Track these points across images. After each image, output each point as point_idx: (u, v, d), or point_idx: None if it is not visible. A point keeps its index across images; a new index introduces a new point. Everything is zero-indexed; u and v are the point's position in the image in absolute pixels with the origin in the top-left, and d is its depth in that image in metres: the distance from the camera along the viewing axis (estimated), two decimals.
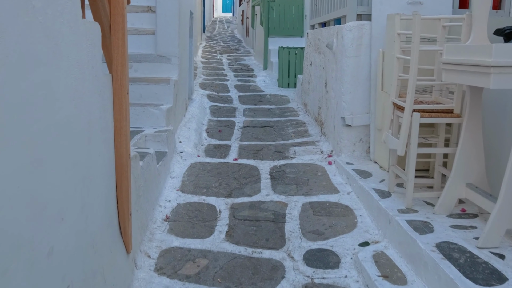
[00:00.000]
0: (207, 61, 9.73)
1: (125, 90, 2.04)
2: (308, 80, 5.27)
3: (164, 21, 4.05)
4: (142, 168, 2.65)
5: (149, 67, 4.13)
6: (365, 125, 3.74)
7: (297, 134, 4.66)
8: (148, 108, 3.80)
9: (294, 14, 8.26)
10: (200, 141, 4.34)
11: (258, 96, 6.46)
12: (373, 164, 3.54)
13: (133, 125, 3.78)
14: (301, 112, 5.47)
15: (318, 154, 4.03)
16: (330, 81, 4.17)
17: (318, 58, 4.74)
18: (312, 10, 5.39)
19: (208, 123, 5.01)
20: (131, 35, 4.20)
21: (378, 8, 3.55)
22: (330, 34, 4.15)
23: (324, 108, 4.42)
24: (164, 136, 3.57)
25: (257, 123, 5.11)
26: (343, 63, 3.72)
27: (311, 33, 5.18)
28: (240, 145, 4.33)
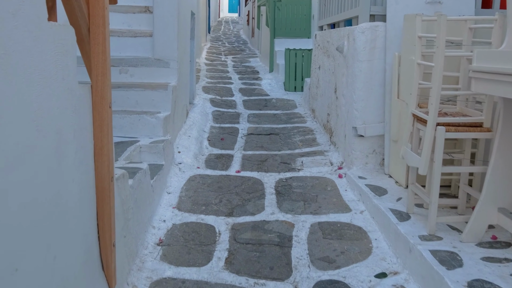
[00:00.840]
0: (211, 63, 9.46)
1: (107, 102, 1.77)
2: (316, 84, 4.98)
3: (162, 23, 3.78)
4: (132, 187, 2.38)
5: (146, 72, 3.86)
6: (379, 136, 3.44)
7: (304, 143, 4.37)
8: (144, 116, 3.53)
9: (301, 14, 7.96)
10: (200, 151, 4.07)
11: (264, 101, 6.17)
12: (388, 179, 3.24)
13: (128, 135, 3.52)
14: (309, 119, 5.18)
15: (327, 166, 3.73)
16: (340, 86, 3.88)
17: (327, 62, 4.45)
18: (321, 10, 5.10)
19: (210, 130, 4.73)
20: (127, 38, 3.94)
21: (394, 8, 3.25)
22: (341, 36, 3.86)
23: (334, 115, 4.13)
24: (160, 147, 3.30)
25: (262, 130, 4.83)
26: (355, 67, 3.42)
27: (319, 34, 4.89)
28: (244, 155, 4.05)
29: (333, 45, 4.17)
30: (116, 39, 3.93)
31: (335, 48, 4.07)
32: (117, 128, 3.53)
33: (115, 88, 3.68)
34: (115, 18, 4.13)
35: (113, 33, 3.94)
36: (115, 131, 3.54)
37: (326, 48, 4.48)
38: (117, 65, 3.84)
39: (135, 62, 3.85)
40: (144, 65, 3.86)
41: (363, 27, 3.33)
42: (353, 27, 3.48)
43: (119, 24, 4.12)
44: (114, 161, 2.92)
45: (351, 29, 3.53)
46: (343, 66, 3.77)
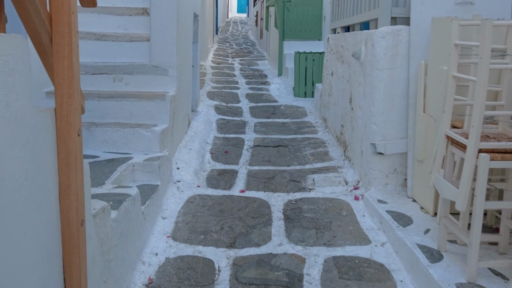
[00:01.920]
0: (217, 66, 9.12)
1: (75, 129, 1.42)
2: (329, 92, 4.60)
3: (159, 26, 3.43)
4: (117, 220, 2.04)
5: (142, 80, 3.52)
6: (401, 154, 3.06)
7: (316, 157, 4.00)
8: (139, 130, 3.19)
9: (311, 15, 7.57)
10: (202, 166, 3.72)
11: (272, 108, 5.81)
12: (411, 204, 2.86)
13: (121, 151, 3.19)
14: (320, 129, 4.80)
15: (342, 185, 3.36)
16: (356, 97, 3.50)
17: (341, 68, 4.07)
18: (333, 11, 4.72)
19: (213, 142, 4.38)
20: (122, 42, 3.61)
21: (419, 9, 2.87)
22: (357, 41, 3.48)
23: (348, 127, 3.75)
24: (155, 165, 2.95)
25: (270, 141, 4.47)
26: (374, 76, 3.04)
27: (332, 38, 4.51)
28: (249, 171, 3.69)
29: (348, 50, 3.79)
30: (110, 44, 3.60)
31: (350, 53, 3.69)
32: (109, 143, 3.20)
33: (108, 98, 3.35)
34: (109, 21, 3.80)
35: (107, 38, 3.61)
36: (107, 146, 3.21)
37: (340, 53, 4.10)
38: (110, 72, 3.50)
39: (130, 69, 3.51)
40: (140, 73, 3.52)
41: (384, 31, 2.96)
42: (371, 31, 3.10)
43: (114, 28, 3.79)
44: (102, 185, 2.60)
45: (369, 33, 3.15)
46: (359, 74, 3.40)
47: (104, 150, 3.19)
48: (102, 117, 3.35)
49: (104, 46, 3.60)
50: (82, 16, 3.78)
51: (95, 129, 3.18)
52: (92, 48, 3.59)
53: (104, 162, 2.89)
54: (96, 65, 3.51)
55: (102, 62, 3.56)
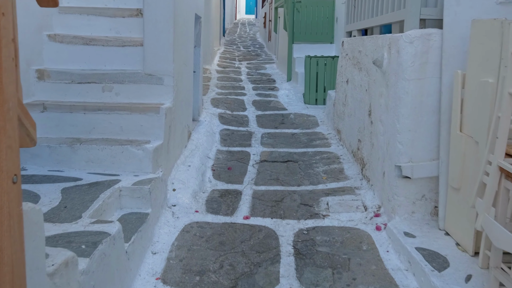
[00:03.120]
0: (223, 70, 8.73)
1: (8, 175, 1.03)
2: (343, 101, 4.18)
3: (153, 29, 3.04)
4: (88, 272, 1.64)
5: (134, 90, 3.13)
6: (431, 177, 2.63)
7: (329, 175, 3.58)
8: (129, 148, 2.80)
9: (323, 17, 7.15)
10: (201, 186, 3.31)
11: (280, 116, 5.40)
12: (444, 238, 2.43)
13: (108, 171, 2.80)
14: (333, 141, 4.38)
15: (361, 211, 2.94)
16: (377, 109, 3.08)
17: (358, 76, 3.65)
18: (349, 12, 4.30)
19: (215, 156, 3.98)
20: (113, 47, 3.23)
21: (454, 10, 2.44)
22: (378, 46, 3.06)
23: (367, 143, 3.32)
24: (146, 190, 2.56)
25: (278, 156, 4.05)
26: (399, 88, 2.62)
27: (347, 42, 4.09)
28: (255, 192, 3.28)
29: (366, 56, 3.37)
30: (99, 50, 3.22)
31: (369, 60, 3.27)
32: (95, 163, 2.81)
33: (95, 110, 2.96)
34: (100, 24, 3.42)
35: (96, 42, 3.23)
36: (92, 166, 2.82)
37: (357, 59, 3.68)
38: (99, 81, 3.12)
39: (121, 78, 3.13)
40: (132, 82, 3.13)
41: (411, 35, 2.53)
42: (396, 36, 2.68)
43: (105, 31, 3.41)
44: (78, 219, 2.21)
45: (393, 38, 2.73)
46: (381, 84, 2.97)
47: (88, 171, 2.80)
48: (88, 132, 2.97)
49: (93, 52, 3.22)
50: (69, 18, 3.41)
51: (79, 146, 2.80)
52: (79, 54, 3.22)
53: (86, 187, 2.51)
54: (83, 73, 3.13)
55: (90, 70, 3.18)
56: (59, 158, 2.82)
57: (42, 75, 3.13)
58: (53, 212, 2.17)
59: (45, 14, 3.31)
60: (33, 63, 3.15)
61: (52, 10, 3.40)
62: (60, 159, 2.82)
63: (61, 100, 3.11)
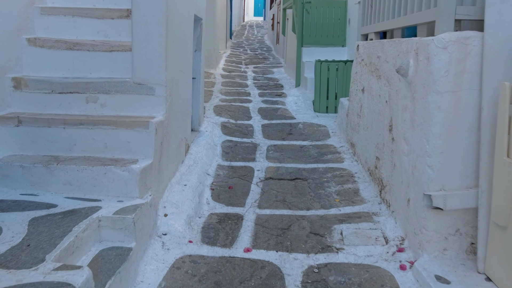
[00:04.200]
0: (228, 74, 8.34)
1: None
2: (358, 112, 3.77)
3: (143, 32, 2.67)
4: None
5: (122, 101, 2.76)
6: (467, 209, 2.22)
7: (343, 197, 3.17)
8: (112, 169, 2.42)
9: (334, 18, 6.73)
10: (198, 210, 2.93)
11: (288, 126, 4.99)
12: (486, 285, 2.01)
13: (89, 196, 2.44)
14: (346, 156, 3.96)
15: (381, 244, 2.52)
16: (399, 125, 2.67)
17: (376, 85, 3.24)
18: (365, 13, 3.89)
19: (215, 173, 3.59)
20: (100, 52, 2.86)
21: (498, 8, 2.03)
22: (401, 52, 2.65)
23: (387, 162, 2.91)
24: (129, 221, 2.18)
25: (285, 172, 3.65)
26: (430, 101, 2.21)
27: (363, 46, 3.68)
28: (258, 217, 2.88)
29: (386, 62, 2.96)
30: (84, 55, 2.85)
31: (390, 67, 2.87)
32: (74, 186, 2.44)
33: (76, 125, 2.59)
34: (86, 26, 3.06)
35: (81, 47, 2.86)
36: (70, 189, 2.45)
37: (375, 65, 3.27)
38: (83, 91, 2.75)
39: (107, 87, 2.76)
40: (119, 92, 2.76)
41: (446, 39, 2.13)
42: (426, 40, 2.27)
43: (93, 34, 3.05)
44: (40, 262, 1.83)
45: (422, 42, 2.32)
46: (405, 96, 2.56)
47: (66, 195, 2.43)
48: (69, 149, 2.60)
49: (77, 58, 2.86)
50: (52, 20, 3.05)
51: (56, 167, 2.43)
52: (62, 60, 2.86)
53: (59, 217, 2.14)
54: (66, 81, 2.77)
55: (74, 78, 2.81)
56: (33, 179, 2.45)
57: (19, 84, 2.77)
58: (12, 253, 1.79)
59: (24, 15, 2.96)
60: (10, 71, 2.79)
61: (33, 11, 3.05)
62: (34, 181, 2.45)
63: (40, 112, 2.75)
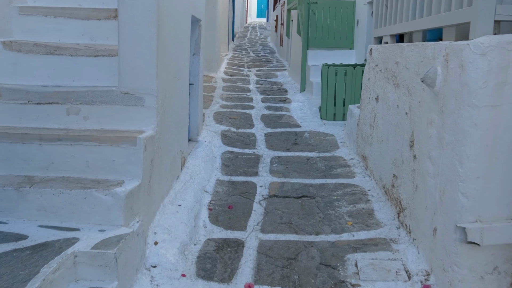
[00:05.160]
0: (230, 78, 8.01)
1: None
2: (371, 122, 3.44)
3: (131, 34, 2.35)
4: None
5: (107, 113, 2.44)
6: (507, 244, 1.88)
7: (356, 219, 2.83)
8: (93, 193, 2.10)
9: (341, 19, 6.40)
10: (193, 235, 2.60)
11: (293, 135, 4.66)
12: None
13: (66, 224, 2.14)
14: (358, 169, 3.63)
15: (402, 280, 2.19)
16: (423, 141, 2.34)
17: (393, 94, 2.91)
18: (379, 13, 3.57)
19: (214, 190, 3.26)
20: (84, 58, 2.55)
21: None
22: (427, 58, 2.32)
23: (407, 183, 2.58)
24: (110, 257, 1.87)
25: (290, 188, 3.32)
26: (464, 117, 1.88)
27: (378, 50, 3.35)
28: (261, 244, 2.55)
29: (407, 69, 2.63)
30: (66, 61, 2.54)
31: (411, 74, 2.54)
32: (49, 212, 2.13)
33: (54, 141, 2.27)
34: (70, 28, 2.75)
35: (62, 51, 2.55)
36: (45, 216, 2.12)
37: (392, 72, 2.94)
38: (63, 101, 2.44)
39: (91, 97, 2.44)
40: (104, 102, 2.44)
41: (484, 43, 1.79)
42: (459, 44, 1.94)
43: (77, 37, 2.74)
44: None
45: (454, 47, 1.99)
46: (431, 109, 2.23)
47: (40, 223, 2.12)
48: (45, 168, 2.28)
49: (59, 63, 2.55)
50: (32, 21, 2.74)
51: (29, 190, 2.11)
52: (41, 66, 2.55)
53: (27, 253, 1.82)
54: (44, 90, 2.45)
55: (54, 86, 2.50)
56: (3, 204, 2.13)
57: None
58: None
59: (0, 16, 2.65)
60: None
61: (10, 11, 2.74)
62: (4, 206, 2.13)
63: (14, 126, 2.43)
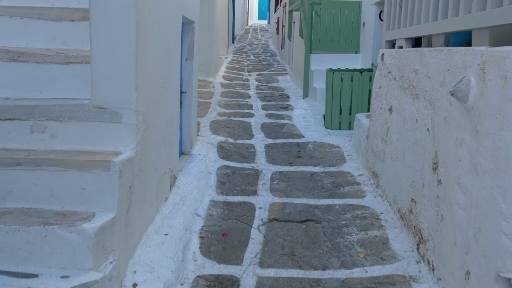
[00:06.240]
0: (229, 83, 7.65)
1: None
2: (383, 136, 3.07)
3: (106, 38, 1.99)
4: None
5: (78, 131, 2.08)
6: None
7: (368, 250, 2.46)
8: (55, 230, 1.74)
9: (347, 21, 6.04)
10: (180, 272, 2.23)
11: (295, 147, 4.29)
12: None
13: (22, 269, 1.80)
14: (368, 188, 3.26)
15: None
16: (451, 164, 1.97)
17: (410, 106, 2.54)
18: (391, 14, 3.20)
19: (207, 213, 2.90)
20: (54, 65, 2.19)
21: None
22: (456, 66, 1.95)
23: (429, 210, 2.21)
24: None
25: (293, 211, 2.96)
26: (508, 140, 1.52)
27: (391, 55, 2.98)
28: (259, 282, 2.18)
29: (428, 78, 2.26)
30: (33, 68, 2.18)
31: (433, 84, 2.17)
32: (4, 253, 1.77)
33: (11, 166, 1.92)
34: (40, 30, 2.40)
35: (28, 58, 2.19)
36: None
37: (409, 81, 2.57)
38: (26, 117, 2.08)
39: (59, 112, 2.08)
40: (75, 118, 2.08)
41: None
42: (501, 51, 1.58)
43: (47, 41, 2.39)
44: None
45: (494, 54, 1.62)
46: (461, 127, 1.86)
47: None
48: (2, 198, 1.93)
49: (23, 72, 2.19)
50: None
51: None
52: (3, 75, 2.19)
53: None
54: (5, 104, 2.09)
55: (16, 99, 2.15)
56: None
57: None
58: None
59: None
60: None
61: None
62: None
63: None
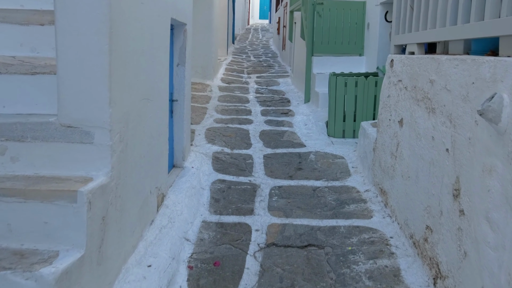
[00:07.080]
0: (227, 86, 7.37)
1: None
2: (393, 150, 2.79)
3: (74, 46, 1.71)
4: None
5: (43, 152, 1.80)
6: None
7: (378, 283, 2.17)
8: (8, 276, 1.46)
9: (350, 22, 5.75)
10: None
11: (296, 157, 4.01)
12: None
13: None
14: (375, 206, 2.97)
15: None
16: (477, 194, 1.68)
17: (426, 120, 2.25)
18: (401, 16, 2.92)
19: (198, 236, 2.62)
20: (18, 76, 1.91)
21: None
22: (482, 79, 1.67)
23: (449, 242, 1.92)
24: None
25: (293, 234, 2.67)
26: None
27: (402, 62, 2.69)
28: None
29: (447, 90, 1.97)
30: None
31: (453, 98, 1.88)
32: None
33: None
34: (4, 36, 2.11)
35: None
36: None
37: (424, 92, 2.28)
38: None
39: (21, 131, 1.80)
40: (39, 138, 1.80)
41: None
42: None
43: (13, 48, 2.11)
44: None
45: None
46: (490, 152, 1.58)
47: None
48: None
49: None
50: None
51: None
52: None
53: None
54: None
55: None
56: None
57: None
58: None
59: None
60: None
61: None
62: None
63: None
